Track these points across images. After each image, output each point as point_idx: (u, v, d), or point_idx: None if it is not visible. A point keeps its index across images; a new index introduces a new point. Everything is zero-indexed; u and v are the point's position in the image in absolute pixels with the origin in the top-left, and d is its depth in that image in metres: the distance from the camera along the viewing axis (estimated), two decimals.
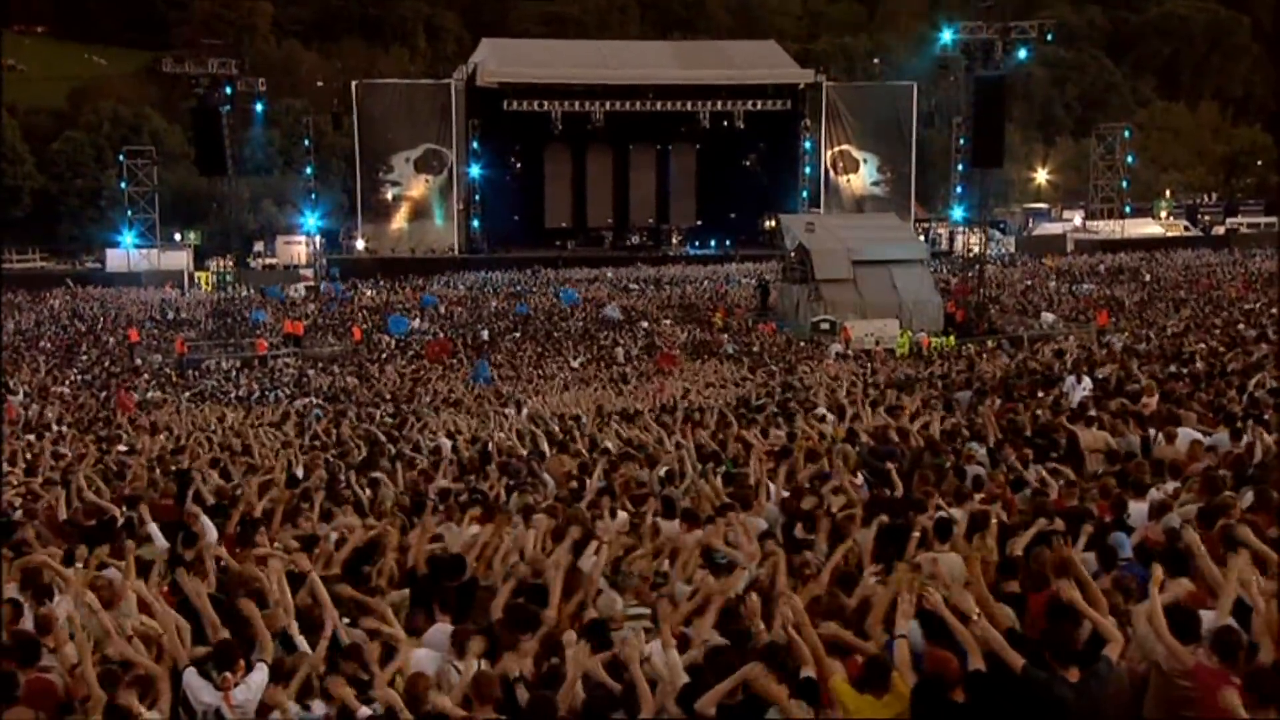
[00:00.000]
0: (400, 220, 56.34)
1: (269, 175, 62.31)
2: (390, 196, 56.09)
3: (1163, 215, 68.33)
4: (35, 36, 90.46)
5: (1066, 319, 36.15)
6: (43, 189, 64.99)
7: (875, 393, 17.55)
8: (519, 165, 59.14)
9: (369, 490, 10.90)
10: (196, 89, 37.65)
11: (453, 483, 11.50)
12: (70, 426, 20.65)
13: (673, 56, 60.06)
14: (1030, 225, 66.37)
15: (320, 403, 24.99)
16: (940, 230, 58.07)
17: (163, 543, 8.35)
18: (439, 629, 6.29)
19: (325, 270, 52.47)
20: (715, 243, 57.99)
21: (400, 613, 6.65)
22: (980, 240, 39.49)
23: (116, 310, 44.29)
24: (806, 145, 56.69)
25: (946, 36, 38.67)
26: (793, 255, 38.44)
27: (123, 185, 56.08)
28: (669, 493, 9.57)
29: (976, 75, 36.29)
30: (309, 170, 53.87)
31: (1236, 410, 11.34)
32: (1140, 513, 7.56)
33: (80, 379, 31.23)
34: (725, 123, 54.54)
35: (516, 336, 37.54)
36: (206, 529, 8.58)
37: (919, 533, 7.09)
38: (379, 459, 13.17)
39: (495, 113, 53.22)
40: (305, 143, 55.10)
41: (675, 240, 58.77)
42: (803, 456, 10.68)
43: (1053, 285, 44.81)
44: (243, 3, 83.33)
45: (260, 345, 35.78)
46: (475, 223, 56.07)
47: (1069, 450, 10.49)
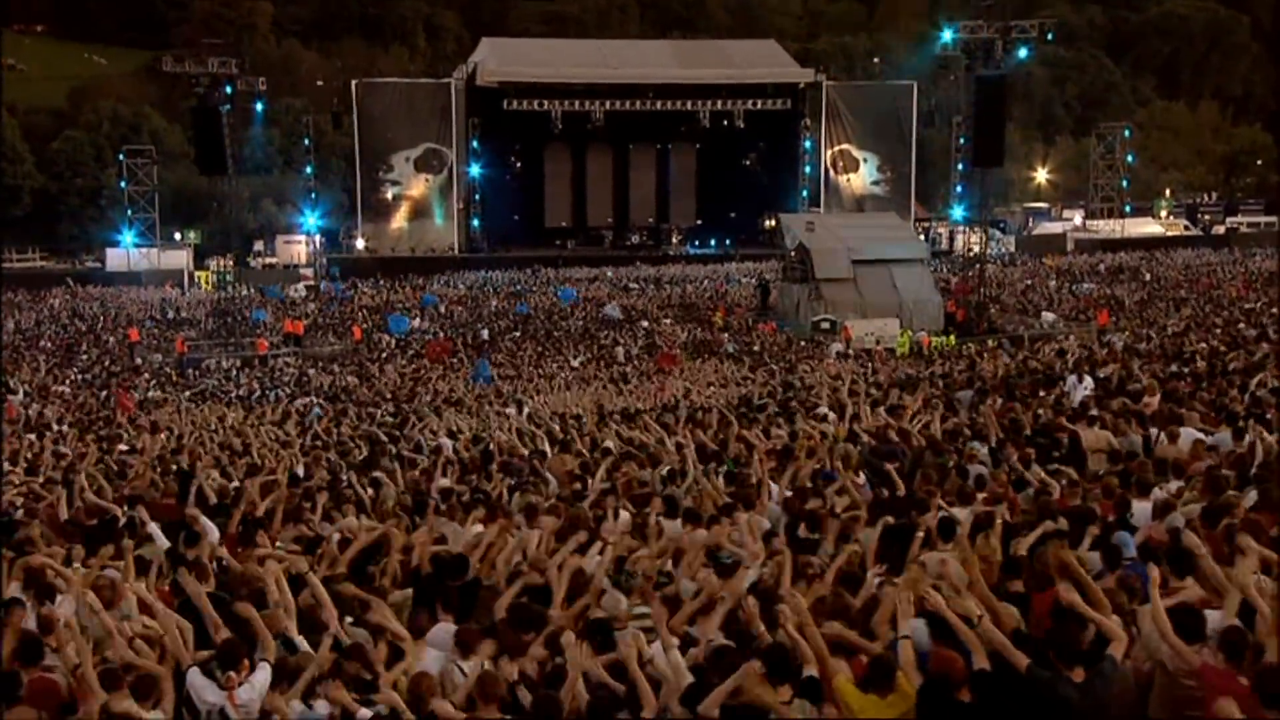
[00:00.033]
0: (400, 219, 56.31)
1: (269, 175, 62.21)
2: (390, 196, 56.07)
3: (1163, 215, 68.37)
4: (35, 36, 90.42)
5: (1067, 318, 36.15)
6: (43, 188, 64.92)
7: (878, 393, 17.51)
8: (519, 164, 59.08)
9: (371, 490, 10.89)
10: (196, 88, 37.64)
11: (456, 483, 11.48)
12: (71, 426, 20.65)
13: (673, 56, 59.99)
14: (1030, 225, 66.34)
15: (320, 402, 24.98)
16: (940, 230, 57.97)
17: (164, 542, 8.33)
18: (442, 628, 6.28)
19: (325, 269, 52.48)
20: (715, 242, 57.92)
21: (403, 612, 6.64)
22: (980, 240, 39.47)
23: (116, 309, 44.26)
24: (806, 145, 56.66)
25: (947, 36, 38.67)
26: (793, 255, 38.42)
27: (123, 185, 56.07)
28: (671, 492, 9.56)
29: (977, 74, 36.29)
30: (309, 170, 53.91)
31: (1238, 410, 11.32)
32: (1144, 512, 7.54)
33: (80, 378, 31.23)
34: (725, 122, 54.49)
35: (517, 336, 37.50)
36: (208, 529, 8.57)
37: (923, 533, 7.08)
38: (380, 459, 13.16)
39: (495, 112, 53.17)
40: (305, 142, 55.16)
41: (675, 239, 58.69)
42: (804, 456, 10.66)
43: (1053, 285, 44.78)
44: (243, 2, 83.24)
45: (261, 345, 35.77)
46: (475, 222, 56.04)
47: (1071, 450, 10.48)
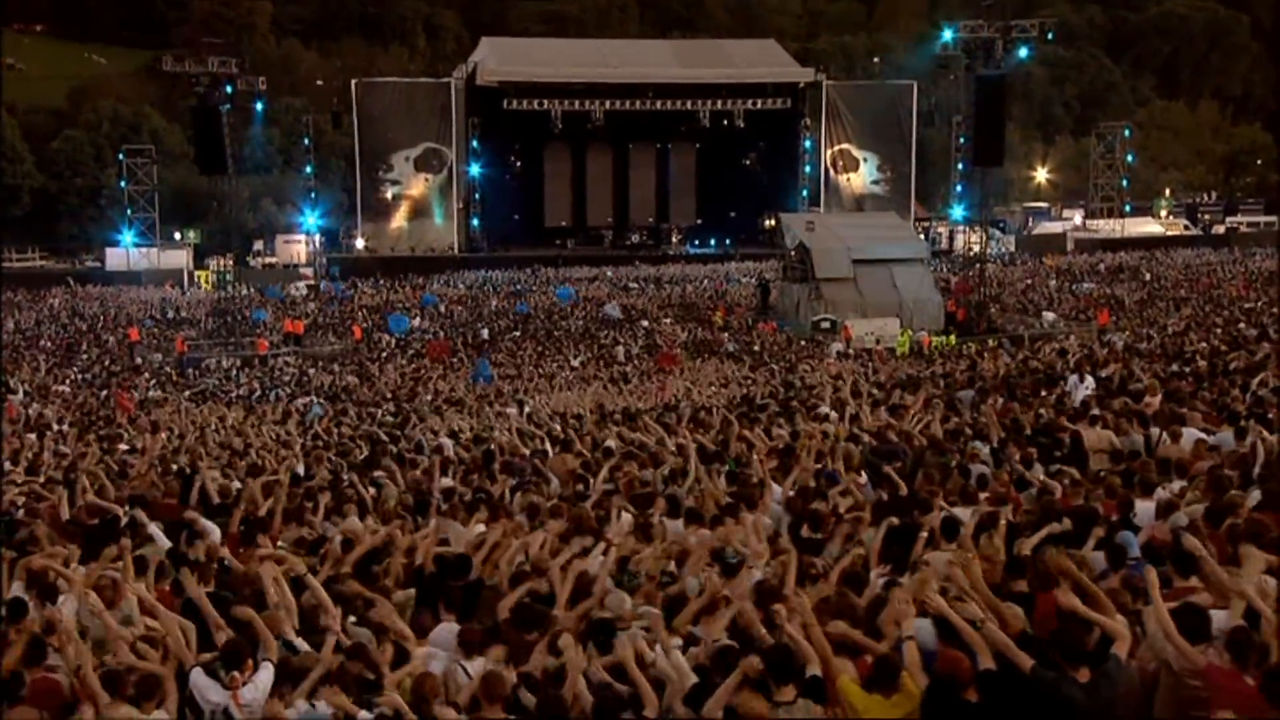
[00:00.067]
0: (400, 219, 56.27)
1: (269, 174, 62.17)
2: (390, 195, 56.02)
3: (1162, 214, 68.38)
4: (35, 35, 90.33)
5: (1067, 318, 36.18)
6: (42, 188, 64.85)
7: (879, 393, 17.51)
8: (519, 164, 59.06)
9: (372, 490, 10.88)
10: (196, 88, 37.67)
11: (459, 483, 11.46)
12: (71, 426, 20.63)
13: (672, 55, 59.98)
14: (1030, 224, 66.33)
15: (321, 401, 24.98)
16: (940, 229, 57.98)
17: (165, 542, 8.32)
18: (445, 628, 6.28)
19: (325, 269, 52.48)
20: (715, 242, 57.92)
21: (406, 612, 6.64)
22: (980, 239, 39.51)
23: (116, 309, 44.25)
24: (806, 144, 56.64)
25: (947, 35, 38.69)
26: (793, 254, 38.42)
27: (122, 184, 56.04)
28: (674, 492, 9.55)
29: (977, 74, 36.34)
30: (309, 169, 53.90)
31: (1240, 409, 11.31)
32: (1146, 512, 7.52)
33: (80, 378, 31.22)
34: (725, 121, 54.47)
35: (517, 335, 37.50)
36: (209, 529, 8.56)
37: (926, 533, 7.07)
38: (381, 458, 13.14)
39: (495, 111, 53.14)
40: (305, 142, 55.13)
41: (675, 239, 58.68)
42: (805, 455, 10.64)
43: (1053, 284, 44.78)
44: (242, 2, 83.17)
45: (261, 345, 35.76)
46: (475, 221, 56.00)
47: (1073, 450, 10.47)
